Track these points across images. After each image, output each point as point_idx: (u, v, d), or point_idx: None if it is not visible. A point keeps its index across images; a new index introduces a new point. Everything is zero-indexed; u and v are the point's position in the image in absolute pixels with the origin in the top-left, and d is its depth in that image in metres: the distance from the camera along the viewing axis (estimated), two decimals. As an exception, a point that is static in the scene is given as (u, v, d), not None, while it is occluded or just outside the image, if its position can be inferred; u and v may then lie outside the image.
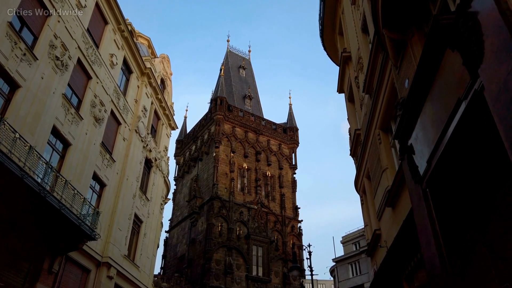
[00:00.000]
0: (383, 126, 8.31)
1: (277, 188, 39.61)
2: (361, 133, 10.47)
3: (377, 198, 8.91)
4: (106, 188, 17.62)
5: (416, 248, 6.43)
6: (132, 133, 20.41)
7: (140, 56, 21.61)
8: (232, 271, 32.25)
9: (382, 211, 8.39)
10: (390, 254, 7.47)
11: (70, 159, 14.77)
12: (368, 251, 10.76)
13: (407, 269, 7.01)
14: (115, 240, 17.57)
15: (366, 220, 11.33)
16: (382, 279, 8.37)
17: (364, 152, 9.97)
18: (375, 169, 8.90)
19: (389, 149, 8.13)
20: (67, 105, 14.63)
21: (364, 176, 10.66)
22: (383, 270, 8.07)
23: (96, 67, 16.96)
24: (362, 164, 10.68)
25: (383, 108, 8.01)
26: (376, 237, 9.14)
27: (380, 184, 8.40)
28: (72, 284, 14.93)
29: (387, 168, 7.93)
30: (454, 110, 3.72)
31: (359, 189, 12.05)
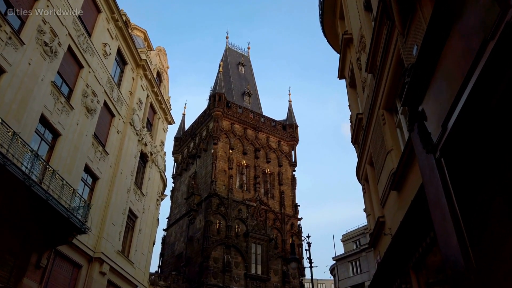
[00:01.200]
0: (387, 105, 7.75)
1: (277, 186, 39.03)
2: (363, 117, 9.90)
3: (381, 184, 8.34)
4: (98, 182, 17.05)
5: (425, 232, 5.86)
6: (127, 126, 19.83)
7: (135, 47, 21.05)
8: (230, 269, 31.67)
9: (386, 197, 7.82)
10: (396, 241, 6.89)
11: (60, 150, 14.20)
12: (370, 242, 10.19)
13: (415, 257, 6.44)
14: (108, 235, 16.99)
15: (368, 209, 10.76)
16: (387, 269, 7.80)
17: (366, 136, 9.41)
18: (378, 153, 8.33)
19: (394, 129, 7.57)
20: (56, 94, 14.07)
21: (367, 162, 10.09)
22: (388, 259, 7.50)
23: (88, 56, 16.40)
24: (364, 151, 10.11)
25: (387, 86, 7.45)
26: (380, 225, 8.57)
27: (384, 168, 7.84)
28: (62, 280, 14.35)
29: (392, 149, 7.36)
30: (478, 55, 3.15)
31: (361, 178, 11.48)
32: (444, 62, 3.98)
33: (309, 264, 11.58)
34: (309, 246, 11.72)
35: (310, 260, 11.59)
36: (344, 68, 12.24)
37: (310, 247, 11.69)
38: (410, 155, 6.27)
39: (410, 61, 5.71)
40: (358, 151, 11.49)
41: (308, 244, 11.78)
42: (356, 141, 11.65)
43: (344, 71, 12.33)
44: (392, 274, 7.72)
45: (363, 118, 9.94)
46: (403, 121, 7.23)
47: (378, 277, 8.76)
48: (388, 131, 7.60)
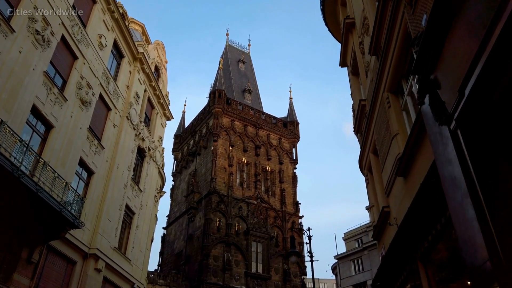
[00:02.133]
0: (392, 87, 7.29)
1: (277, 183, 38.56)
2: (366, 103, 9.45)
3: (386, 172, 7.88)
4: (94, 176, 16.62)
5: (435, 219, 5.40)
6: (123, 119, 19.40)
7: (132, 40, 20.61)
8: (230, 267, 31.21)
9: (392, 184, 7.37)
10: (402, 231, 6.43)
11: (53, 142, 13.77)
12: (374, 234, 9.72)
13: (423, 246, 5.98)
14: (103, 231, 16.56)
15: (372, 200, 10.29)
16: (392, 262, 7.34)
17: (370, 123, 8.95)
18: (383, 139, 7.87)
19: (399, 112, 7.11)
20: (49, 84, 13.64)
21: (370, 151, 9.63)
22: (393, 251, 7.04)
23: (83, 47, 15.96)
24: (367, 139, 9.65)
25: (392, 66, 6.99)
26: (385, 216, 8.10)
27: (389, 154, 7.38)
28: (55, 276, 13.93)
29: (397, 133, 6.90)
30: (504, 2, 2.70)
31: (364, 168, 11.00)
32: (462, 17, 3.52)
33: (310, 258, 11.11)
34: (310, 239, 11.24)
35: (311, 253, 11.12)
36: (346, 55, 11.78)
37: (310, 240, 11.21)
38: (418, 137, 5.81)
39: (418, 32, 5.26)
40: (361, 140, 11.02)
41: (308, 237, 11.30)
42: (358, 130, 11.18)
43: (346, 58, 11.86)
44: (398, 266, 7.26)
45: (366, 105, 9.47)
46: (410, 103, 6.77)
47: (382, 271, 8.30)
48: (394, 114, 7.14)
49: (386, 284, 8.45)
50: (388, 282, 8.21)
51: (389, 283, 8.12)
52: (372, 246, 37.98)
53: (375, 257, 37.28)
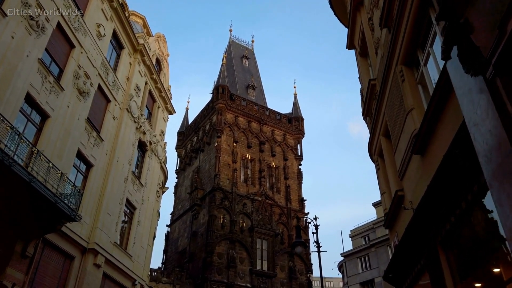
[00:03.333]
0: (406, 59, 6.68)
1: (282, 180, 37.93)
2: (376, 82, 8.84)
3: (399, 153, 7.28)
4: (93, 169, 16.12)
5: (458, 199, 4.78)
6: (123, 112, 18.89)
7: (132, 30, 20.10)
8: (235, 265, 30.64)
9: (406, 165, 6.76)
10: (419, 214, 5.82)
11: (49, 132, 13.28)
12: (386, 223, 9.09)
13: (444, 229, 5.37)
14: (103, 225, 16.06)
15: (383, 187, 9.66)
16: (407, 249, 6.73)
17: (380, 103, 8.35)
18: (395, 118, 7.26)
19: (414, 86, 6.50)
20: (44, 72, 13.14)
21: (381, 134, 9.01)
22: (409, 237, 6.44)
23: (80, 35, 15.46)
24: (378, 121, 9.04)
25: (406, 36, 6.39)
26: (398, 200, 7.49)
27: (403, 132, 6.77)
28: (52, 272, 13.43)
29: (413, 108, 6.30)
30: None
31: (374, 153, 10.38)
32: None
33: (317, 249, 10.50)
34: (317, 229, 10.62)
35: (318, 244, 10.51)
36: (353, 35, 11.17)
37: (317, 230, 10.59)
38: (438, 107, 5.21)
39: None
40: (370, 124, 10.40)
41: (315, 226, 10.69)
42: (367, 113, 10.56)
43: (354, 39, 11.25)
44: (413, 254, 6.65)
45: (377, 84, 8.87)
46: (427, 74, 6.15)
47: (396, 261, 7.69)
48: (408, 88, 6.53)
49: (399, 275, 7.84)
50: (402, 273, 7.60)
51: (403, 273, 7.51)
52: (380, 243, 37.29)
53: (383, 254, 36.58)
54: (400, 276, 7.87)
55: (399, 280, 8.05)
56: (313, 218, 11.03)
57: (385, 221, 9.25)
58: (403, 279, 7.77)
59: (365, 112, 10.73)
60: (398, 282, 8.16)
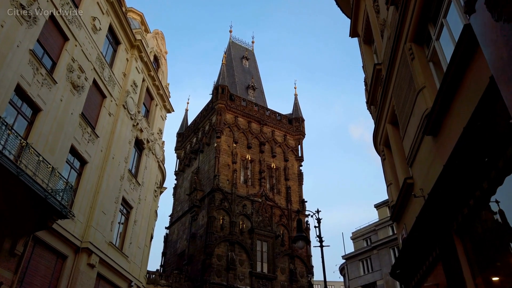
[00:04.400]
0: (416, 36, 6.21)
1: (283, 181, 37.39)
2: (382, 66, 8.37)
3: (408, 138, 6.79)
4: (87, 166, 15.63)
5: (481, 176, 4.27)
6: (120, 108, 18.42)
7: (129, 26, 19.68)
8: (234, 267, 30.04)
9: (417, 150, 6.27)
10: (432, 200, 5.32)
11: (40, 126, 12.80)
12: (393, 215, 8.56)
13: (461, 215, 4.86)
14: (97, 224, 15.55)
15: (389, 178, 9.13)
16: (417, 241, 6.22)
17: (387, 88, 7.87)
18: (404, 101, 6.77)
19: (425, 63, 6.02)
20: (36, 64, 12.68)
21: (387, 121, 8.52)
22: (419, 227, 5.93)
23: (74, 28, 15.02)
24: (383, 108, 8.55)
25: (416, 10, 5.93)
26: (407, 188, 6.97)
27: (413, 114, 6.28)
28: (43, 271, 12.91)
29: (424, 87, 5.81)
30: None
31: (379, 143, 9.87)
32: None
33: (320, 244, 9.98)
34: (319, 222, 10.10)
35: (320, 238, 9.98)
36: (357, 22, 10.70)
37: (320, 223, 10.07)
38: (453, 81, 4.72)
39: None
40: (375, 113, 9.91)
41: (317, 220, 10.15)
42: (372, 101, 10.07)
43: (357, 26, 10.79)
44: (425, 245, 6.14)
45: (383, 68, 8.39)
46: (440, 50, 5.67)
47: (404, 255, 7.17)
48: (419, 66, 6.05)
49: (408, 271, 7.32)
50: (411, 268, 7.08)
51: (413, 268, 6.99)
52: (382, 245, 36.69)
53: (385, 256, 35.97)
54: (409, 272, 7.35)
55: (407, 276, 7.54)
56: (315, 212, 10.51)
57: (391, 213, 8.73)
58: (412, 274, 7.25)
59: (369, 101, 10.23)
60: (406, 278, 7.65)
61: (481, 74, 4.21)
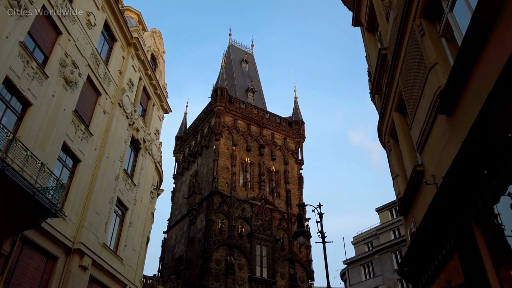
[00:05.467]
0: (426, 11, 5.76)
1: (283, 184, 36.85)
2: (388, 51, 7.90)
3: (417, 123, 6.30)
4: (80, 164, 15.11)
5: (507, 151, 3.77)
6: (115, 106, 17.94)
7: (125, 23, 19.26)
8: (233, 271, 29.39)
9: (428, 133, 5.78)
10: (446, 186, 4.81)
11: (30, 121, 12.30)
12: (400, 208, 8.04)
13: (481, 200, 4.36)
14: (90, 225, 15.00)
15: (395, 170, 8.61)
16: (429, 232, 5.70)
17: (394, 72, 7.39)
18: (413, 82, 6.29)
19: (437, 39, 5.56)
20: (26, 57, 12.22)
21: (393, 109, 8.03)
22: (431, 217, 5.42)
23: (68, 22, 14.59)
24: (389, 95, 8.07)
25: (426, -17, 5.46)
26: (417, 177, 6.46)
27: (423, 95, 5.80)
28: (32, 273, 12.33)
29: (436, 63, 5.34)
30: None
31: (384, 134, 9.36)
32: None
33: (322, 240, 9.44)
34: (321, 217, 9.56)
35: (323, 234, 9.44)
36: (359, 9, 10.26)
37: (322, 219, 9.52)
38: (471, 52, 4.24)
39: None
40: (379, 103, 9.42)
41: (319, 215, 9.61)
42: (377, 90, 9.58)
43: (360, 13, 10.35)
44: (439, 236, 5.61)
45: (388, 53, 7.92)
46: (454, 22, 5.19)
47: (413, 250, 6.64)
48: (430, 42, 5.58)
49: (418, 267, 6.79)
50: (421, 264, 6.55)
51: (423, 264, 6.46)
52: (383, 249, 36.06)
53: (387, 261, 35.32)
54: (419, 269, 6.83)
55: (417, 273, 7.01)
56: (316, 206, 9.98)
57: (399, 207, 8.21)
58: (422, 271, 6.72)
59: (373, 91, 9.74)
60: (415, 276, 7.11)
61: (505, 41, 3.73)
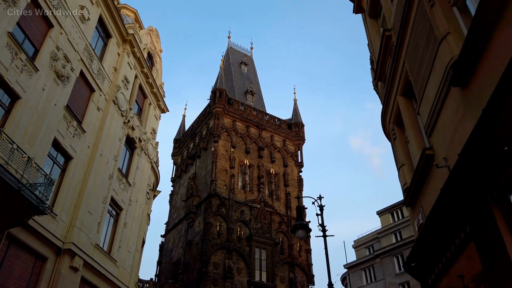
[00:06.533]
0: (435, -20, 5.28)
1: (282, 187, 36.25)
2: (392, 33, 7.44)
3: (426, 103, 5.82)
4: (72, 162, 14.61)
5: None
6: (109, 103, 17.47)
7: (120, 19, 18.86)
8: (232, 275, 28.73)
9: (438, 113, 5.30)
10: (461, 165, 4.31)
11: (19, 115, 11.82)
12: (406, 200, 7.52)
13: (502, 178, 3.85)
14: (82, 225, 14.46)
15: (401, 159, 8.09)
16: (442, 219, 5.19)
17: (399, 54, 6.93)
18: (421, 58, 5.81)
19: (448, 8, 5.10)
20: (14, 48, 11.77)
21: (399, 94, 7.55)
22: (444, 202, 4.91)
23: (60, 14, 14.16)
24: (394, 80, 7.60)
25: None
26: (426, 161, 5.93)
27: (433, 71, 5.32)
28: (18, 273, 11.77)
29: (448, 33, 4.88)
30: None
31: (389, 122, 8.86)
32: None
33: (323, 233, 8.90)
34: (322, 210, 9.04)
35: (323, 226, 8.90)
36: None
37: (322, 211, 9.00)
38: (489, 16, 3.76)
39: None
40: (383, 90, 8.94)
41: (320, 207, 9.08)
42: (380, 77, 9.11)
43: (362, 0, 9.90)
44: (451, 225, 5.10)
45: (393, 34, 7.46)
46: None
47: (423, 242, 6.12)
48: (441, 12, 5.12)
49: (426, 262, 6.27)
50: (430, 258, 6.03)
51: (432, 258, 5.94)
52: (385, 253, 35.43)
53: (389, 264, 34.69)
54: (427, 264, 6.30)
55: (425, 269, 6.48)
56: (317, 198, 9.46)
57: (405, 198, 7.70)
58: (430, 266, 6.20)
59: (377, 77, 9.27)
60: (423, 272, 6.59)
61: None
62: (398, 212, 37.80)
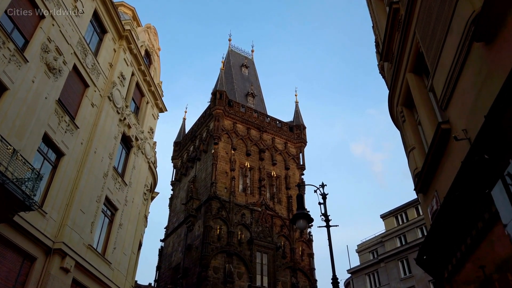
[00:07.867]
0: None
1: (283, 190, 35.59)
2: (400, 6, 6.86)
3: (441, 73, 5.23)
4: (64, 158, 14.03)
5: None
6: (104, 100, 16.93)
7: (117, 14, 18.37)
8: (232, 280, 27.98)
9: (456, 78, 4.70)
10: (488, 130, 3.70)
11: (6, 107, 11.27)
12: (417, 186, 6.86)
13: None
14: (74, 224, 13.84)
15: (411, 141, 7.43)
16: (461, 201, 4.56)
17: (408, 27, 6.34)
18: (435, 22, 5.22)
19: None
20: (2, 36, 11.25)
21: (408, 70, 6.95)
22: (465, 179, 4.29)
23: (52, 5, 13.67)
24: (403, 56, 7.01)
25: None
26: (441, 137, 5.30)
27: (450, 31, 4.74)
28: (5, 274, 11.12)
29: (467, -14, 4.29)
30: None
31: (396, 104, 8.23)
32: None
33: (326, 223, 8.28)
34: (324, 199, 8.41)
35: (326, 216, 8.28)
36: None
37: (325, 200, 8.38)
38: None
39: None
40: (391, 70, 8.31)
41: (322, 196, 8.45)
42: (387, 57, 8.49)
43: (365, -21, 9.38)
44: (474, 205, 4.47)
45: (401, 7, 6.88)
46: None
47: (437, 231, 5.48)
48: (458, -36, 4.51)
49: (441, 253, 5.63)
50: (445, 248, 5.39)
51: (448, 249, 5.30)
52: (389, 257, 34.61)
53: (393, 269, 33.86)
54: (442, 256, 5.67)
55: (439, 262, 5.84)
56: (319, 186, 8.82)
57: (416, 183, 7.06)
58: (447, 258, 5.56)
59: (383, 57, 8.66)
60: (437, 265, 5.95)
61: None
62: (402, 215, 37.02)
